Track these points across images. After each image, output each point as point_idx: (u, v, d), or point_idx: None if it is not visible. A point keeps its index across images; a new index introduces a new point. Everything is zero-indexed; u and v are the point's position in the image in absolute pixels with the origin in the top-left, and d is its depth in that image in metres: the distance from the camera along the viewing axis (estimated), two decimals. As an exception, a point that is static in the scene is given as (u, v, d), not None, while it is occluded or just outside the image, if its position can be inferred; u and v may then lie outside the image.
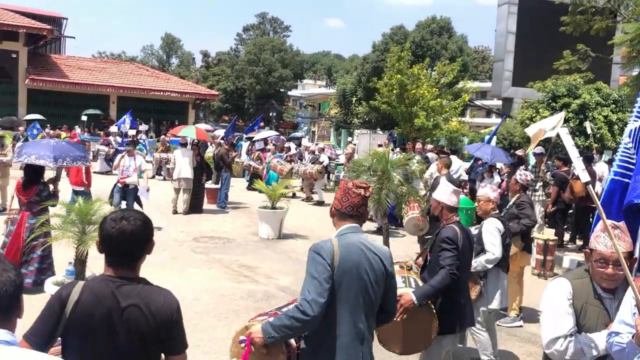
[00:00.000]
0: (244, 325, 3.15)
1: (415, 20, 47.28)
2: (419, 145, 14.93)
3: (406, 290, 3.87)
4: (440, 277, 3.95)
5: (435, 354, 4.13)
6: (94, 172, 19.68)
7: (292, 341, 3.06)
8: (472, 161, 13.35)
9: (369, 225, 12.29)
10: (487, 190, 5.53)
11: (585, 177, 2.79)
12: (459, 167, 12.20)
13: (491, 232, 5.20)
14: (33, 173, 6.98)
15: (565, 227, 11.21)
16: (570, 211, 11.38)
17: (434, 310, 3.95)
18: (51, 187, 7.13)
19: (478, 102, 40.50)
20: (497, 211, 5.52)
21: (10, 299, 1.74)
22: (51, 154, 7.06)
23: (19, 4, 34.93)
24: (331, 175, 20.08)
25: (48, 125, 24.24)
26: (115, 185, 11.16)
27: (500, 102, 31.92)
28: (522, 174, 7.03)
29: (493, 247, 5.13)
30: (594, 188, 3.42)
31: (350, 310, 2.83)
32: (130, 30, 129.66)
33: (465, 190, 11.47)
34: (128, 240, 2.25)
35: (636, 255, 3.16)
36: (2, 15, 28.74)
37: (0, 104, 26.92)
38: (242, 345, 3.00)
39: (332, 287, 2.78)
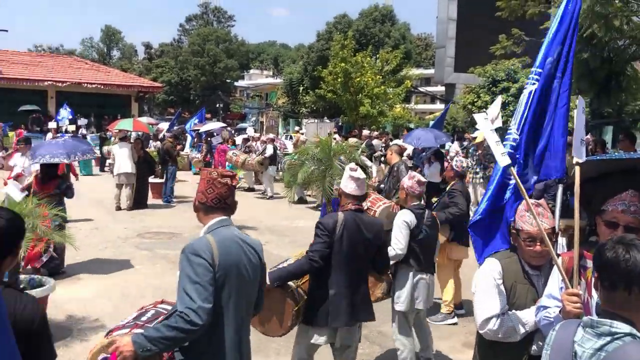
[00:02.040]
0: (105, 341, 2.71)
1: (359, 8, 47.57)
2: (365, 132, 15.08)
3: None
4: (300, 261, 3.81)
5: (303, 344, 3.94)
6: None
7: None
8: (413, 148, 13.54)
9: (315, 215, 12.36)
10: (405, 179, 5.10)
11: (505, 160, 2.84)
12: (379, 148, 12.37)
13: (398, 225, 4.82)
14: (48, 169, 7.75)
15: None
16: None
17: (296, 297, 3.78)
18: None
19: (422, 89, 41.15)
20: (418, 202, 5.04)
21: None
22: (64, 150, 7.96)
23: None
24: (279, 165, 20.01)
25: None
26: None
27: (443, 88, 32.59)
28: (458, 161, 6.70)
29: (395, 242, 4.74)
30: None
31: (234, 311, 2.68)
32: (68, 23, 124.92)
33: None
34: None
35: (557, 228, 3.27)
36: None
37: None
38: None
39: (215, 288, 2.55)
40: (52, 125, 22.39)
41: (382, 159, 13.85)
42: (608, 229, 2.50)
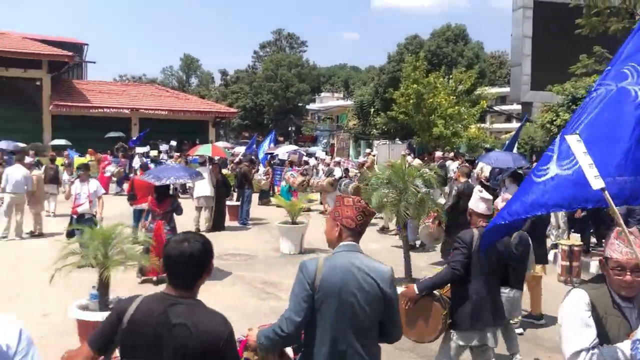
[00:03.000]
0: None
1: (430, 29, 47.26)
2: (438, 154, 14.85)
3: None
4: (443, 272, 4.29)
5: (447, 349, 4.35)
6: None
7: (291, 353, 3.12)
8: (490, 169, 13.23)
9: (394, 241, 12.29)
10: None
11: (599, 183, 2.72)
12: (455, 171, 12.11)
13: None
14: (163, 189, 8.97)
15: (592, 231, 11.00)
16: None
17: (442, 303, 4.20)
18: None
19: (497, 108, 40.17)
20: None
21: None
22: (186, 173, 9.65)
23: (41, 33, 35.93)
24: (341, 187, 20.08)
25: (73, 149, 24.78)
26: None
27: (519, 107, 31.67)
28: None
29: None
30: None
31: (332, 331, 2.79)
32: (150, 53, 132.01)
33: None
34: (187, 261, 2.36)
35: None
36: (26, 45, 29.56)
37: (26, 131, 27.51)
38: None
39: (312, 307, 2.78)
40: (140, 149, 23.61)
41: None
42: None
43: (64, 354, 2.52)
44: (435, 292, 4.27)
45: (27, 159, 13.90)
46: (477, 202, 4.58)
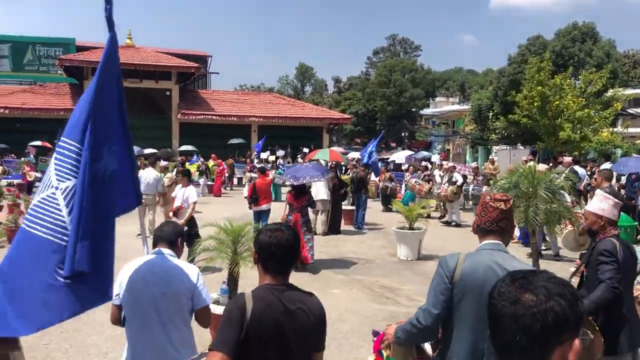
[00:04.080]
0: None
1: (553, 29, 44.61)
2: (567, 159, 13.90)
3: None
4: (600, 291, 3.69)
5: None
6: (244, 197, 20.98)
7: (429, 349, 3.10)
8: (626, 175, 12.21)
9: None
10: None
11: None
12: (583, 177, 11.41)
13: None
14: (301, 187, 10.16)
15: None
16: None
17: (597, 328, 3.61)
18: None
19: (632, 110, 37.00)
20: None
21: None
22: (318, 172, 10.57)
23: (170, 46, 38.67)
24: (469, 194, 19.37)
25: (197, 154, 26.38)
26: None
27: (658, 109, 28.95)
28: None
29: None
30: None
31: (470, 329, 2.70)
32: (267, 63, 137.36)
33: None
34: (284, 247, 2.47)
35: None
36: (159, 58, 32.02)
37: (157, 138, 29.69)
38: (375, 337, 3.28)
39: (451, 301, 2.73)
40: (264, 155, 24.72)
41: (589, 187, 12.67)
42: None
43: None
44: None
45: (163, 163, 14.92)
46: (612, 208, 4.01)
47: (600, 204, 4.04)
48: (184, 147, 28.87)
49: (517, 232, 11.22)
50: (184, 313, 3.18)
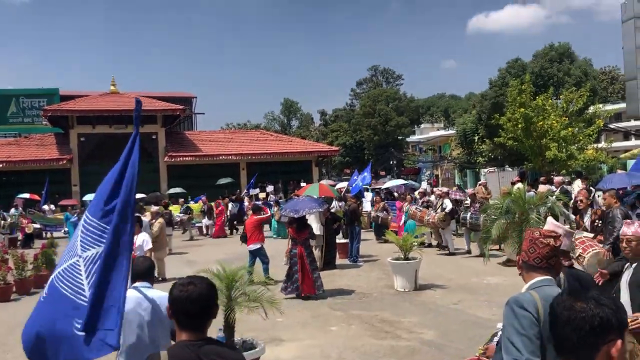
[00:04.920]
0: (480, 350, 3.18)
1: (531, 51, 45.49)
2: (558, 179, 13.94)
3: None
4: None
5: None
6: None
7: None
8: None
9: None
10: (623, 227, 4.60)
11: None
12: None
13: None
14: (303, 220, 10.68)
15: None
16: None
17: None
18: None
19: (613, 125, 37.55)
20: None
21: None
22: (314, 204, 11.07)
23: (154, 90, 38.87)
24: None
25: (189, 197, 26.28)
26: None
27: (638, 123, 29.43)
28: None
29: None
30: None
31: None
32: (252, 100, 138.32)
33: None
34: (195, 301, 2.41)
35: None
36: (144, 103, 32.09)
37: (145, 181, 29.47)
38: None
39: (542, 344, 2.52)
40: (253, 191, 24.66)
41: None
42: None
43: None
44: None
45: (154, 208, 14.80)
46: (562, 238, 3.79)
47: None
48: (173, 190, 28.74)
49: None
50: (169, 337, 3.49)
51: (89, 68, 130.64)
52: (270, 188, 29.69)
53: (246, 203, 22.78)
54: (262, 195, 25.53)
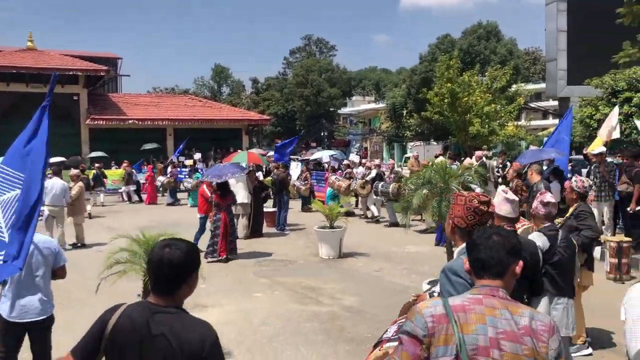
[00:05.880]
0: (379, 353, 3.01)
1: (461, 28, 46.66)
2: (479, 153, 14.52)
3: None
4: None
5: None
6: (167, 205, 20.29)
7: None
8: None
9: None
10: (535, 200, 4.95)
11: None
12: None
13: None
14: (224, 185, 10.74)
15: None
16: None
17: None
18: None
19: (533, 104, 39.35)
20: (550, 223, 4.87)
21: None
22: (236, 169, 11.14)
23: (77, 49, 36.81)
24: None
25: (112, 162, 25.34)
26: None
27: (556, 103, 30.98)
28: (578, 181, 6.16)
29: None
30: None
31: None
32: (181, 65, 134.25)
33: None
34: (167, 267, 2.26)
35: None
36: (62, 61, 30.34)
37: (65, 144, 28.07)
38: None
39: None
40: (196, 156, 24.17)
41: (500, 180, 13.32)
42: None
43: None
44: None
45: (74, 171, 14.08)
46: (502, 203, 3.92)
47: (496, 200, 3.96)
48: (95, 154, 27.61)
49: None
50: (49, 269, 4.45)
51: (2, 21, 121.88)
52: (197, 155, 29.12)
53: (169, 169, 22.16)
54: (189, 162, 24.98)
